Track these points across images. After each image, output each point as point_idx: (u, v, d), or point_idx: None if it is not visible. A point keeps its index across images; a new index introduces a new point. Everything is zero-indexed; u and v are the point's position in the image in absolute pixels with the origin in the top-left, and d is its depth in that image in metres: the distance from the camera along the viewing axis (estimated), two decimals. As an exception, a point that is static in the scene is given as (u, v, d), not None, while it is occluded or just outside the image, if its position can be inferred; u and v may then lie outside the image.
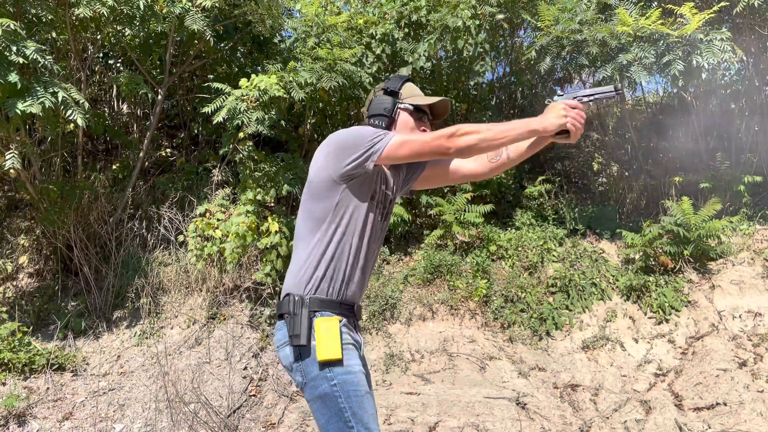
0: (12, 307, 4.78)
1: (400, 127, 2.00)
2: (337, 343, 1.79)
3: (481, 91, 6.85)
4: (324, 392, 1.79)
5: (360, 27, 5.89)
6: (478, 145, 1.78)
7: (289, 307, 1.84)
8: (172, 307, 5.04)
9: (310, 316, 1.82)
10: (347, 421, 1.77)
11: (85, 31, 5.27)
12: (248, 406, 4.26)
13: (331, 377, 1.79)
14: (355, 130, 1.88)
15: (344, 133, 1.88)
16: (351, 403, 1.78)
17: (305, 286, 1.85)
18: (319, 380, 1.80)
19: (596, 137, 7.80)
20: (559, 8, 5.47)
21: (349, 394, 1.78)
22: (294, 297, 1.85)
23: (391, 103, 1.98)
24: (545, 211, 6.22)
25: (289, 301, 1.85)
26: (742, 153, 6.38)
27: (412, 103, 2.01)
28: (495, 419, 3.90)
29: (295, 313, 1.83)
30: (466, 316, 5.14)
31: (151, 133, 5.76)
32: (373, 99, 2.02)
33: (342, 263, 1.88)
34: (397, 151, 1.82)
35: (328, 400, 1.79)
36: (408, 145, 1.81)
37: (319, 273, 1.86)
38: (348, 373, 1.80)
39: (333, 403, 1.78)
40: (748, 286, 5.00)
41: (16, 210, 5.82)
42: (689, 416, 4.04)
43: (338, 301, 1.88)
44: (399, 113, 2.00)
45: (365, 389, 1.83)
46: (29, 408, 3.98)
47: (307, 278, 1.86)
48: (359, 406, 1.79)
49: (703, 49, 4.88)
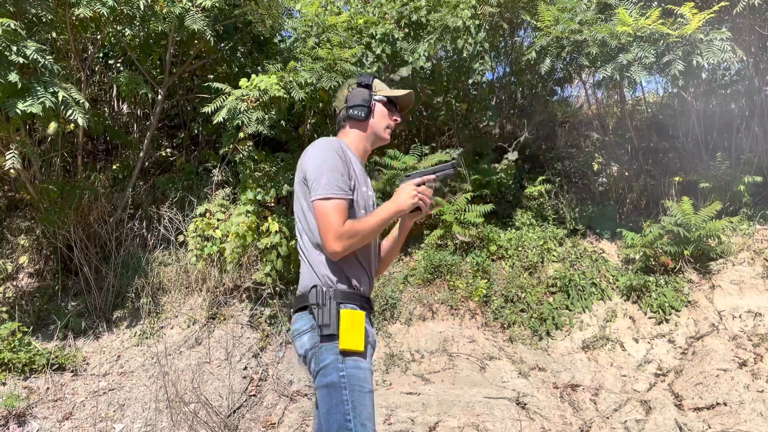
0: (12, 307, 4.78)
1: (377, 116, 2.16)
2: (361, 335, 1.90)
3: (481, 91, 6.85)
4: (332, 381, 1.86)
5: (360, 27, 5.89)
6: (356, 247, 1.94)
7: (317, 298, 1.94)
8: (172, 307, 5.04)
9: (338, 306, 1.92)
10: (346, 414, 1.84)
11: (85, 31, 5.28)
12: (248, 406, 4.26)
13: (342, 368, 1.86)
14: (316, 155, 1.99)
15: (310, 152, 2.01)
16: (354, 397, 1.85)
17: (329, 279, 1.96)
18: (330, 369, 1.87)
19: (596, 137, 7.80)
20: (559, 8, 5.47)
21: (354, 388, 1.85)
22: (321, 288, 1.94)
23: (368, 95, 2.13)
24: (545, 211, 6.22)
25: (317, 292, 1.94)
26: (742, 153, 6.39)
27: (385, 95, 2.17)
28: (495, 419, 3.90)
29: (324, 303, 1.92)
30: (466, 316, 5.14)
31: (151, 133, 5.76)
32: (350, 92, 2.16)
33: (353, 258, 2.00)
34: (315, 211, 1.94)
35: (334, 389, 1.86)
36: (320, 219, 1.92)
37: (339, 267, 1.97)
38: (358, 368, 1.88)
39: (337, 393, 1.85)
40: (748, 286, 5.00)
41: (16, 210, 5.82)
42: (689, 416, 4.04)
43: (358, 294, 1.99)
44: (375, 104, 2.15)
45: (370, 387, 1.90)
46: (29, 408, 3.98)
47: (330, 272, 1.97)
48: (360, 402, 1.85)
49: (703, 49, 4.87)
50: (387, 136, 2.19)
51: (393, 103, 2.19)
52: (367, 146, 2.18)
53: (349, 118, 2.14)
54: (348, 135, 2.16)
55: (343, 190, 1.94)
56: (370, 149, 2.21)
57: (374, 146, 2.22)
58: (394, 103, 2.19)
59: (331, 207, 1.90)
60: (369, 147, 2.19)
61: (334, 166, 1.95)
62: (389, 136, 2.21)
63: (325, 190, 1.92)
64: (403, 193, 2.00)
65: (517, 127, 7.17)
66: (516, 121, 7.38)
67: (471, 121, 6.51)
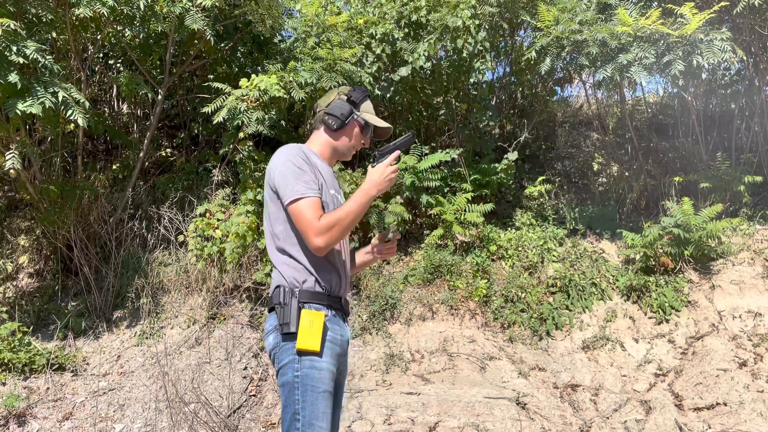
0: (12, 307, 4.78)
1: (348, 134, 2.19)
2: (318, 335, 1.91)
3: (481, 91, 6.85)
4: (287, 380, 1.92)
5: (360, 27, 5.89)
6: (338, 239, 1.96)
7: (280, 297, 1.98)
8: (172, 307, 5.04)
9: (299, 307, 1.95)
10: (296, 413, 1.89)
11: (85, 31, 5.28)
12: (248, 406, 4.26)
13: (297, 368, 1.91)
14: (282, 161, 2.02)
15: (277, 157, 2.05)
16: (305, 397, 1.89)
17: (295, 280, 1.99)
18: (287, 368, 1.93)
19: (596, 137, 7.80)
20: (559, 8, 5.47)
21: (306, 388, 1.89)
22: (284, 288, 1.98)
23: (348, 112, 2.15)
24: (545, 211, 6.22)
25: (280, 292, 1.98)
26: (742, 153, 6.39)
27: (366, 119, 2.21)
28: (495, 419, 3.90)
29: (285, 303, 1.96)
30: (466, 316, 5.14)
31: (151, 133, 5.76)
32: (336, 100, 2.18)
33: (321, 259, 2.03)
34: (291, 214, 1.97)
35: (288, 388, 1.91)
36: (297, 218, 1.95)
37: (305, 268, 2.01)
38: (314, 368, 1.91)
39: (291, 392, 1.90)
40: (748, 286, 5.00)
41: (16, 210, 5.82)
42: (689, 416, 4.04)
43: (326, 294, 2.02)
44: (353, 123, 2.19)
45: (324, 387, 1.92)
46: (29, 408, 3.98)
47: (296, 273, 2.01)
48: (312, 402, 1.89)
49: (703, 49, 4.87)
50: (350, 155, 2.24)
51: (368, 128, 2.23)
52: (333, 155, 2.21)
53: (323, 123, 2.18)
54: (318, 138, 2.20)
55: (311, 189, 1.98)
56: (336, 159, 2.24)
57: (336, 158, 2.24)
58: (369, 128, 2.23)
59: (305, 205, 1.94)
60: (334, 156, 2.22)
61: (299, 170, 1.98)
62: (351, 157, 2.25)
63: (295, 193, 1.96)
64: (380, 174, 2.04)
65: (517, 127, 7.17)
66: (516, 121, 7.38)
67: (471, 121, 6.51)
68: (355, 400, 4.13)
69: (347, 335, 2.10)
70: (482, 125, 6.55)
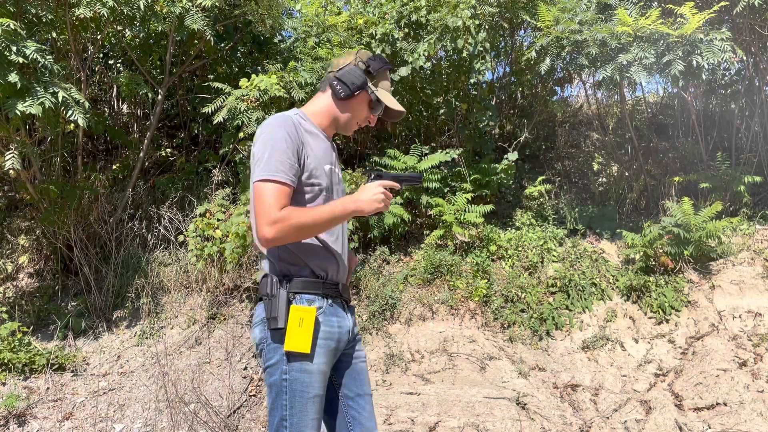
0: (12, 307, 4.78)
1: (354, 107, 1.96)
2: (309, 336, 1.75)
3: (481, 91, 6.85)
4: (274, 382, 1.79)
5: (360, 27, 5.89)
6: (293, 238, 1.74)
7: (268, 288, 1.80)
8: (172, 307, 5.04)
9: (288, 299, 1.78)
10: (283, 418, 1.76)
11: (85, 31, 5.28)
12: (248, 406, 4.26)
13: (286, 370, 1.77)
14: (264, 135, 1.81)
15: (260, 129, 1.84)
16: (294, 402, 1.76)
17: (286, 268, 1.83)
18: (274, 369, 1.80)
19: (596, 137, 7.80)
20: (559, 8, 5.47)
21: (294, 393, 1.76)
22: (272, 278, 1.81)
23: (361, 83, 1.91)
24: (545, 211, 6.22)
25: (268, 282, 1.81)
26: (742, 153, 6.39)
27: (379, 96, 1.96)
28: (495, 419, 3.90)
29: (273, 294, 1.79)
30: (466, 316, 5.14)
31: (151, 133, 5.76)
32: (350, 66, 1.93)
33: (317, 244, 1.85)
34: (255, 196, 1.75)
35: (275, 391, 1.79)
36: (256, 200, 1.74)
37: (298, 255, 1.83)
38: (303, 371, 1.77)
39: (278, 395, 1.78)
40: (748, 286, 5.00)
41: (16, 210, 5.83)
42: (689, 416, 4.04)
43: (323, 283, 1.85)
44: (362, 95, 1.94)
45: (315, 392, 1.79)
46: (29, 408, 3.98)
47: (288, 260, 1.83)
48: (301, 408, 1.77)
49: (703, 49, 4.87)
50: (351, 130, 2.00)
51: (378, 106, 1.98)
52: (332, 125, 1.97)
53: (330, 87, 1.94)
54: (320, 103, 1.96)
55: (286, 175, 1.75)
56: (334, 130, 2.00)
57: (335, 130, 2.00)
58: (380, 107, 1.99)
59: (270, 189, 1.72)
60: (333, 127, 1.98)
61: (282, 148, 1.76)
62: (352, 132, 2.02)
63: (266, 172, 1.73)
64: (369, 193, 1.83)
65: (517, 127, 7.17)
66: (516, 121, 7.38)
67: (471, 121, 6.51)
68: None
69: (347, 324, 1.91)
70: (482, 125, 6.55)
